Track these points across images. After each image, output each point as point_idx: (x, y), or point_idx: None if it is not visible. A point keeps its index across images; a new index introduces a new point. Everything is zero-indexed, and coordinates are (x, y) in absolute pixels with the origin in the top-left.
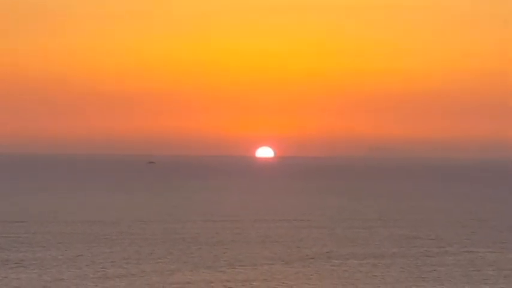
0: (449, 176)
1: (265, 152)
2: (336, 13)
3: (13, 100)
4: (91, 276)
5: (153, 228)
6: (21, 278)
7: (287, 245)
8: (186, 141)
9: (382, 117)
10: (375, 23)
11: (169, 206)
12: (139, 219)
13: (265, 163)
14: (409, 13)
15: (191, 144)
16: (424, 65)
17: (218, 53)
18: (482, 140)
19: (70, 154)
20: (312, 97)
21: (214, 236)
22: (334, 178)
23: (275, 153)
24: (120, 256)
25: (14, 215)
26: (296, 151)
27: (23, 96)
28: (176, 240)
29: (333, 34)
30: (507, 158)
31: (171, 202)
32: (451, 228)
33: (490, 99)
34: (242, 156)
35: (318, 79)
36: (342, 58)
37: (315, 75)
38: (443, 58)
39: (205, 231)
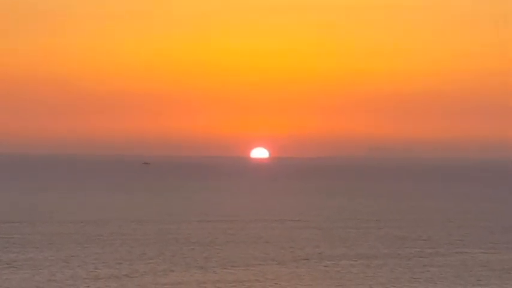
0: (449, 176)
1: (260, 153)
2: (335, 13)
3: (12, 100)
4: (83, 276)
5: (146, 229)
6: (13, 278)
7: (280, 245)
8: (181, 142)
9: (382, 117)
10: (374, 23)
11: (163, 207)
12: (133, 219)
13: (260, 164)
14: (408, 13)
15: (186, 144)
16: (423, 65)
17: (214, 53)
18: (482, 140)
19: (66, 154)
20: (311, 97)
21: (207, 237)
22: (332, 178)
23: (270, 154)
24: (112, 257)
25: (8, 215)
26: (292, 152)
27: (22, 96)
28: (169, 241)
29: (332, 34)
30: (507, 158)
31: (165, 203)
32: (445, 228)
33: (490, 100)
34: (237, 157)
35: (317, 79)
36: (341, 58)
37: (314, 75)
38: (443, 58)
39: (199, 231)
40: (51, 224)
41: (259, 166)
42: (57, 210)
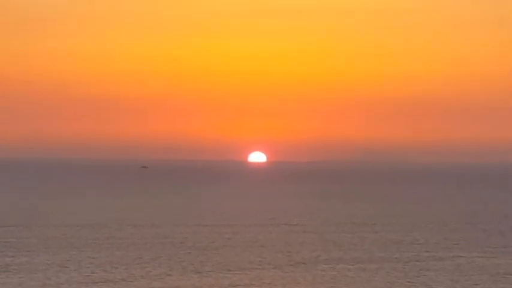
0: (445, 180)
1: (257, 157)
2: (330, 17)
3: (8, 102)
4: (79, 281)
5: (143, 233)
6: (8, 282)
7: (276, 249)
8: (178, 146)
9: (377, 121)
10: (371, 26)
11: (160, 211)
12: (129, 223)
13: (257, 168)
14: (406, 16)
15: (184, 148)
16: (421, 67)
17: (212, 57)
18: (480, 143)
19: (64, 158)
20: (308, 101)
21: (204, 241)
22: (328, 182)
23: (267, 158)
24: (109, 261)
25: (3, 219)
26: (289, 156)
27: (18, 99)
28: (165, 245)
29: (326, 38)
30: (505, 161)
31: (162, 207)
32: (441, 232)
33: (488, 103)
34: (234, 160)
35: (312, 83)
36: (336, 62)
37: (309, 78)
38: (440, 61)
39: (195, 235)
40: (47, 228)
41: (256, 170)
42: (53, 214)
